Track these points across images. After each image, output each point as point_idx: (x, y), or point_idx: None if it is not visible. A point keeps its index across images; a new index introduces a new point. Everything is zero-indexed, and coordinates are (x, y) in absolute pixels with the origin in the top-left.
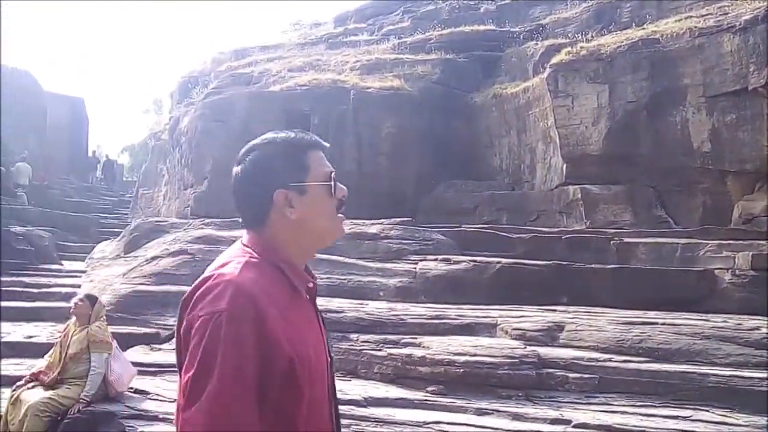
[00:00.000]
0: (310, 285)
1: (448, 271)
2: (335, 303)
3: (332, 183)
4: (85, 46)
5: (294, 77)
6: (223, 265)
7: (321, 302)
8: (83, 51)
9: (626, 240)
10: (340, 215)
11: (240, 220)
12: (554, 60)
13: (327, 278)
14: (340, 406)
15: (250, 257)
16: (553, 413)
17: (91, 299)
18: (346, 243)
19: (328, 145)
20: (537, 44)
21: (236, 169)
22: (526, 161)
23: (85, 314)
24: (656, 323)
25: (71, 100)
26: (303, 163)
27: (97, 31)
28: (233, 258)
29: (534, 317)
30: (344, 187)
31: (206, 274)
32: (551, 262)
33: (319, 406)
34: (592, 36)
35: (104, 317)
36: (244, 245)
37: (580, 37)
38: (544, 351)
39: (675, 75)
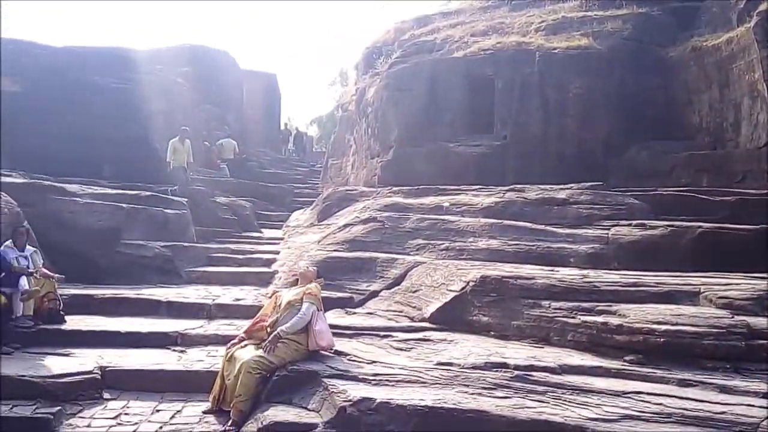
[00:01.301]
0: None
1: (642, 237)
2: (525, 269)
3: None
4: (276, 22)
5: (477, 42)
6: None
7: (510, 267)
8: (274, 27)
9: None
10: None
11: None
12: (762, 7)
13: (515, 244)
14: (534, 373)
15: None
16: (765, 387)
17: (317, 273)
18: (533, 209)
19: None
20: None
21: None
22: (729, 118)
23: (310, 279)
24: None
25: (265, 77)
26: None
27: (285, 7)
28: None
29: (742, 285)
30: None
31: None
32: (760, 227)
33: None
34: None
35: (322, 283)
36: None
37: None
38: (754, 321)
39: None
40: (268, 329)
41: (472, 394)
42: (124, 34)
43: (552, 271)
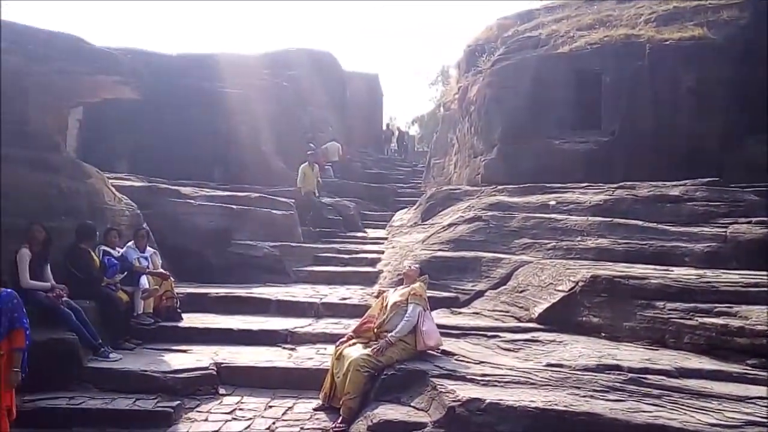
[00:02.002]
0: None
1: (764, 235)
2: (637, 269)
3: None
4: (377, 22)
5: (583, 36)
6: None
7: (621, 267)
8: (375, 27)
9: None
10: None
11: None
12: None
13: (626, 243)
14: (649, 376)
15: None
16: None
17: (421, 271)
18: (644, 206)
19: None
20: None
21: None
22: None
23: (413, 278)
24: None
25: (367, 78)
26: None
27: (387, 6)
28: None
29: None
30: None
31: None
32: None
33: None
34: None
35: (426, 281)
36: None
37: None
38: None
39: None
40: (375, 330)
41: (584, 396)
42: (231, 39)
43: (666, 270)
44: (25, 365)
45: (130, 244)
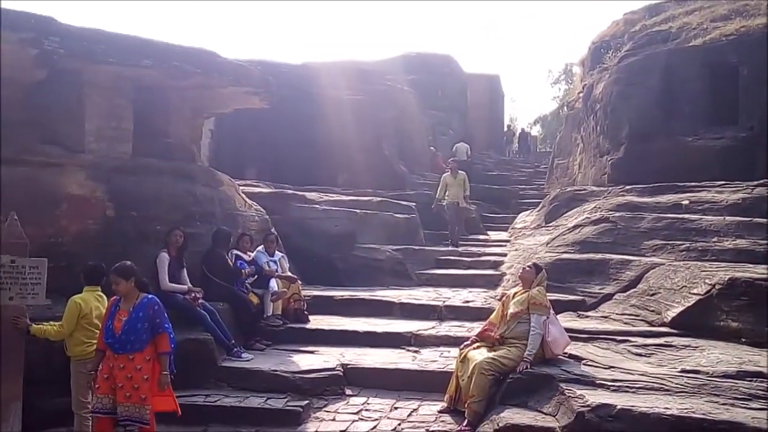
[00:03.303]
0: None
1: None
2: None
3: None
4: (498, 22)
5: (718, 27)
6: None
7: (762, 269)
8: (496, 27)
9: None
10: None
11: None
12: None
13: (766, 244)
14: None
15: None
16: None
17: (537, 267)
18: None
19: None
20: None
21: None
22: None
23: (529, 279)
24: None
25: (488, 79)
26: None
27: (508, 6)
28: None
29: None
30: None
31: None
32: None
33: None
34: None
35: (545, 284)
36: None
37: None
38: None
39: None
40: (497, 341)
41: (724, 404)
42: (354, 45)
43: None
44: (173, 367)
45: (260, 248)
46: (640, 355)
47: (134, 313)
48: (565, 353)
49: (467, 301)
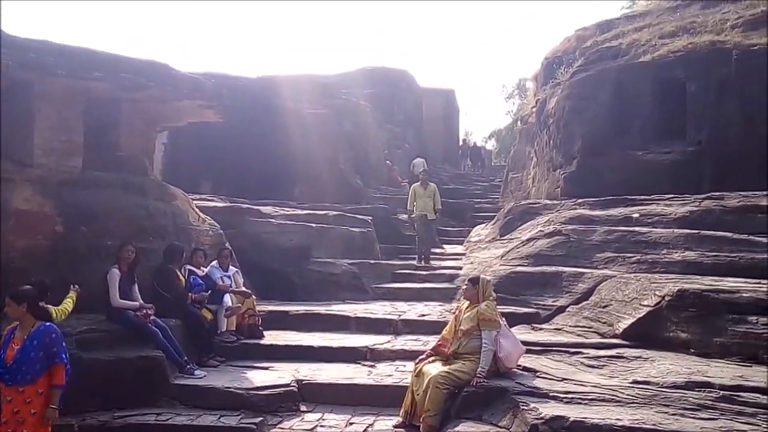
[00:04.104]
0: None
1: None
2: (727, 282)
3: None
4: (452, 37)
5: (666, 44)
6: None
7: (710, 280)
8: (450, 43)
9: None
10: None
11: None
12: None
13: (714, 256)
14: (742, 393)
15: None
16: None
17: (473, 281)
18: (734, 218)
19: None
20: None
21: None
22: None
23: (473, 296)
24: None
25: (443, 93)
26: None
27: (461, 22)
28: None
29: None
30: None
31: None
32: None
33: None
34: None
35: (493, 296)
36: None
37: None
38: None
39: None
40: (450, 354)
41: (674, 414)
42: (312, 59)
43: (758, 283)
44: (61, 403)
45: (213, 263)
46: (592, 366)
47: (28, 341)
48: (519, 366)
49: (423, 315)
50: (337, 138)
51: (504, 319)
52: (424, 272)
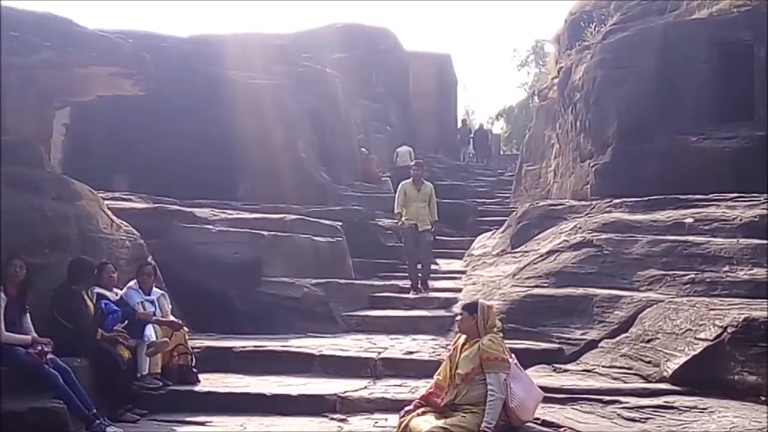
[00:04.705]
0: None
1: None
2: None
3: None
4: None
5: None
6: None
7: None
8: None
9: None
10: None
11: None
12: None
13: None
14: None
15: None
16: None
17: (470, 309)
18: None
19: None
20: None
21: None
22: None
23: (471, 328)
24: None
25: (437, 59)
26: None
27: None
28: None
29: None
30: None
31: None
32: None
33: None
34: None
35: (498, 326)
36: None
37: None
38: None
39: None
40: (445, 405)
41: None
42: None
43: None
44: None
45: (131, 284)
46: (633, 420)
47: None
48: (537, 419)
49: (410, 353)
50: (297, 117)
51: (514, 356)
52: (411, 296)
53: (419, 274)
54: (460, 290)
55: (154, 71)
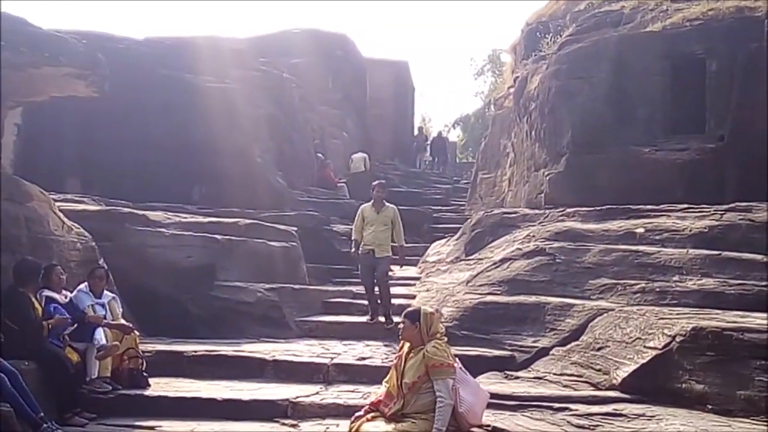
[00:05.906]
0: None
1: None
2: (755, 319)
3: None
4: None
5: (680, 10)
6: None
7: (733, 316)
8: (403, 3)
9: None
10: None
11: None
12: None
13: (739, 284)
14: None
15: None
16: None
17: (412, 317)
18: (764, 236)
19: None
20: None
21: None
22: None
23: (413, 336)
24: None
25: (393, 66)
26: None
27: None
28: None
29: None
30: None
31: None
32: None
33: None
34: None
35: (441, 331)
36: None
37: None
38: None
39: None
40: (391, 414)
41: None
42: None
43: None
44: None
45: (82, 287)
46: (582, 427)
47: None
48: (488, 426)
49: (363, 358)
50: (253, 122)
51: (458, 361)
52: (365, 301)
53: (379, 308)
54: (414, 297)
55: (108, 73)
